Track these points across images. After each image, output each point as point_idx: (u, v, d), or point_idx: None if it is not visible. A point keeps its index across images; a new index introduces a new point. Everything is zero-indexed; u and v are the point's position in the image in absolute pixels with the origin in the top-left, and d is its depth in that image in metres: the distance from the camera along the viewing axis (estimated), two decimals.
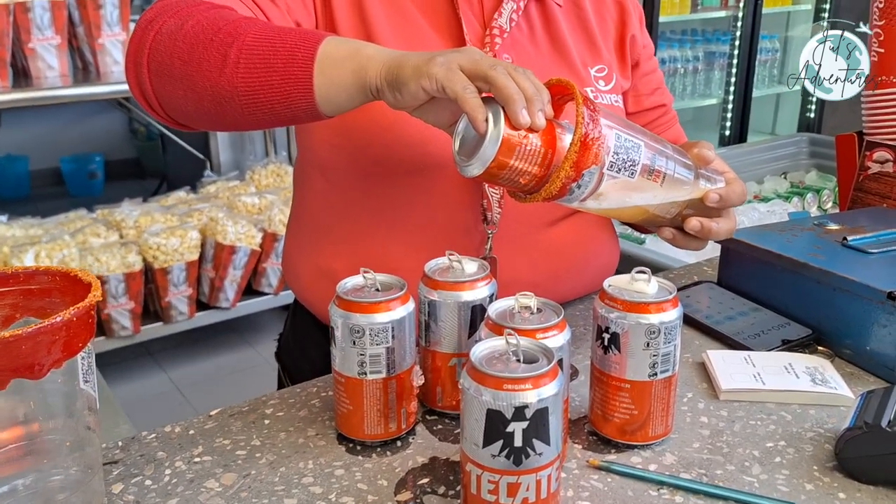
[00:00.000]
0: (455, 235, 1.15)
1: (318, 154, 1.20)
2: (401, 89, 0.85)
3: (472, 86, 0.82)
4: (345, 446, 0.92)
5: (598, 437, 0.93)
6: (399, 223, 1.16)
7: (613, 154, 0.85)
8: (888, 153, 1.48)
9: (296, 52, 0.90)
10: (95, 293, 0.70)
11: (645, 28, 1.35)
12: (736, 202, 1.01)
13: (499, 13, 1.15)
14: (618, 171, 0.86)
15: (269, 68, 0.90)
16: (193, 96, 0.94)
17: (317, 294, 1.24)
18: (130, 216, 3.25)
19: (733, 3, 3.97)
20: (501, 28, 1.15)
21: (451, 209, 1.14)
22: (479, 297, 0.93)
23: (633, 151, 0.87)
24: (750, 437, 0.93)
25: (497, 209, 1.13)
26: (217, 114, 0.95)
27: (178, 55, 0.93)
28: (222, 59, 0.91)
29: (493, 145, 0.81)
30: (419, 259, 1.04)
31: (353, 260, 1.16)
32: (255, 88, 0.91)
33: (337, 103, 0.91)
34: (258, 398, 1.02)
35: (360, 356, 0.87)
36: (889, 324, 1.04)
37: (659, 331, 0.86)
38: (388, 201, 1.15)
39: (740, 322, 1.17)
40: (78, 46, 3.14)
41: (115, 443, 0.94)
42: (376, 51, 0.89)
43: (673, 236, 1.02)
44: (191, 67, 0.93)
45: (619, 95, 1.26)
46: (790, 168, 3.12)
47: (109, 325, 3.07)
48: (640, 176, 0.88)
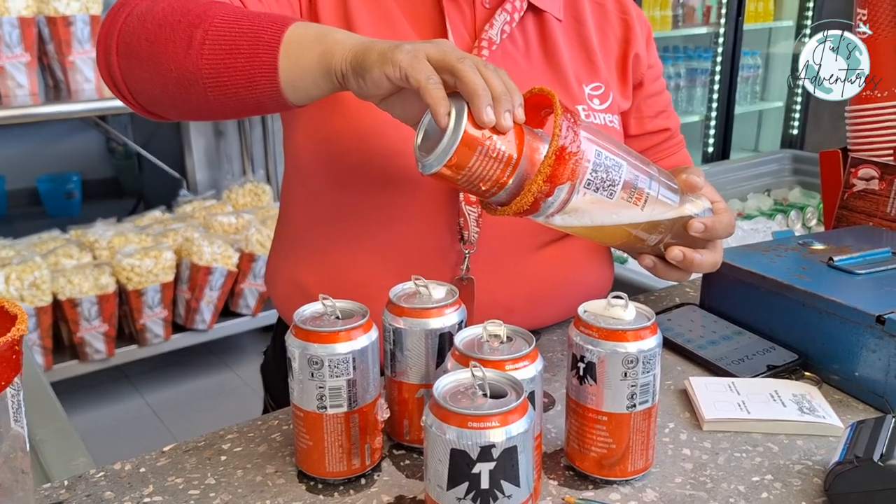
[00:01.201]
0: (430, 254, 1.11)
1: (298, 159, 1.16)
2: (364, 76, 0.81)
3: (436, 76, 0.78)
4: (305, 484, 0.86)
5: (574, 471, 0.88)
6: (372, 237, 1.12)
7: (592, 171, 0.81)
8: (873, 170, 1.45)
9: (262, 34, 0.87)
10: (20, 326, 0.65)
11: (653, 49, 1.32)
12: (722, 234, 0.97)
13: (490, 24, 1.12)
14: (595, 189, 0.82)
15: (234, 51, 0.88)
16: (159, 79, 0.92)
17: (291, 307, 1.19)
18: (104, 237, 3.19)
19: (714, 20, 3.95)
20: (491, 40, 1.11)
21: (427, 226, 1.10)
22: (448, 325, 0.88)
23: (613, 171, 0.83)
24: (735, 471, 0.88)
25: (475, 228, 1.09)
26: (182, 97, 0.92)
27: (146, 36, 0.91)
28: (188, 40, 0.89)
29: (451, 141, 0.76)
30: (391, 276, 1.02)
31: (325, 273, 1.14)
32: (220, 71, 0.88)
33: (303, 89, 0.88)
34: (215, 432, 0.96)
35: (319, 389, 0.82)
36: (878, 348, 1.00)
37: (637, 360, 0.81)
38: (361, 213, 1.12)
39: (724, 347, 1.13)
40: (48, 64, 3.09)
41: (61, 482, 0.88)
42: (345, 36, 0.86)
43: (654, 265, 0.97)
44: (157, 48, 0.91)
45: (615, 115, 1.22)
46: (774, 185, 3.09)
47: (83, 348, 3.01)
48: (621, 197, 0.84)
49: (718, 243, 1.00)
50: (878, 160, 1.45)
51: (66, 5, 2.95)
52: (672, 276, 0.99)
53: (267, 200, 3.73)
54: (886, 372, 0.99)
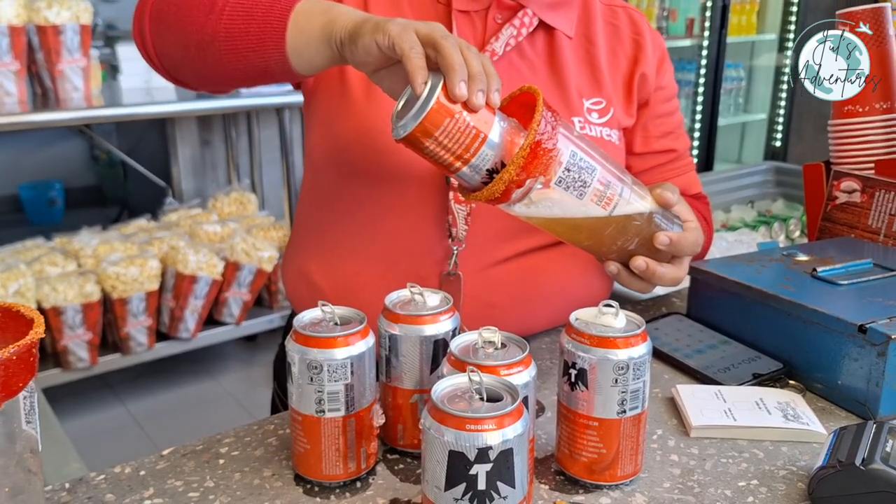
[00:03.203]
0: (419, 248, 1.16)
1: (313, 157, 1.23)
2: (356, 42, 0.88)
3: (420, 47, 0.83)
4: (302, 487, 0.88)
5: (565, 476, 0.90)
6: (367, 229, 1.17)
7: (565, 170, 0.84)
8: (855, 183, 1.47)
9: (276, 3, 0.97)
10: (38, 330, 0.66)
11: (668, 71, 1.34)
12: (687, 251, 0.99)
13: (496, 38, 1.16)
14: (566, 188, 0.85)
15: (249, 16, 0.98)
16: (182, 41, 1.03)
17: (298, 297, 1.27)
18: (89, 245, 3.18)
19: (698, 32, 3.99)
20: (493, 52, 1.15)
21: (417, 221, 1.15)
22: (442, 332, 0.90)
23: (586, 172, 0.86)
24: (721, 476, 0.90)
25: (464, 226, 1.13)
26: (200, 60, 1.03)
27: (175, 2, 1.04)
28: (210, 5, 1.00)
29: (423, 108, 0.81)
30: (381, 266, 1.11)
31: (324, 262, 1.20)
32: (234, 35, 0.98)
33: (306, 56, 0.96)
34: (213, 436, 0.98)
35: (318, 393, 0.83)
36: (860, 357, 1.02)
37: (627, 366, 0.83)
38: (360, 206, 1.17)
39: (710, 355, 1.15)
40: (37, 72, 3.09)
41: (62, 484, 0.89)
42: (349, 10, 0.95)
43: (618, 272, 0.99)
44: (182, 12, 1.03)
45: (614, 130, 1.24)
46: (757, 197, 3.12)
47: (66, 356, 3.01)
48: (590, 199, 0.87)
49: (684, 260, 1.02)
50: (859, 173, 1.47)
51: (57, 14, 2.95)
52: (634, 285, 1.01)
53: (252, 209, 3.73)
54: (868, 380, 1.02)
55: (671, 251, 0.97)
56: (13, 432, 0.70)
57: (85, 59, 3.08)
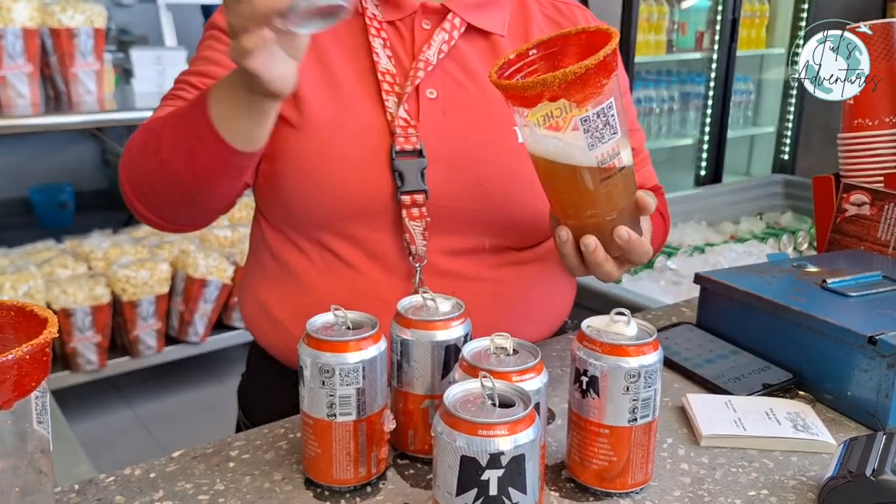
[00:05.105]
0: (380, 271, 1.13)
1: (256, 180, 1.19)
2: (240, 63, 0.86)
3: None
4: (312, 492, 0.88)
5: (575, 484, 0.90)
6: (323, 255, 1.14)
7: (595, 113, 0.85)
8: (865, 196, 1.48)
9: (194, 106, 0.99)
10: (52, 329, 0.67)
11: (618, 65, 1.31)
12: (635, 257, 0.97)
13: (428, 45, 1.14)
14: (585, 130, 0.85)
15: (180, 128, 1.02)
16: (157, 189, 1.07)
17: (257, 327, 1.23)
18: (100, 248, 3.20)
19: (707, 46, 4.00)
20: (427, 61, 1.13)
21: (374, 243, 1.13)
22: (454, 337, 0.90)
23: (609, 130, 0.86)
24: (731, 486, 0.90)
25: (422, 241, 1.12)
26: (174, 193, 1.06)
27: (138, 163, 1.08)
28: (156, 148, 1.04)
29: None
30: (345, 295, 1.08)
31: (282, 292, 1.17)
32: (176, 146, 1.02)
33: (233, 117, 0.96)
34: (223, 439, 0.98)
35: (330, 397, 0.84)
36: (870, 368, 1.02)
37: (639, 374, 0.83)
38: (311, 234, 1.14)
39: (720, 365, 1.15)
40: (50, 75, 3.10)
41: (72, 485, 0.89)
42: None
43: (567, 240, 0.96)
44: (145, 167, 1.07)
45: None
46: (766, 209, 3.13)
47: (75, 358, 3.01)
48: (595, 156, 0.87)
49: (624, 264, 1.00)
50: (869, 186, 1.48)
51: (71, 18, 2.97)
52: (571, 262, 0.98)
53: None
54: (878, 391, 1.02)
55: (623, 249, 0.95)
56: (25, 432, 0.70)
57: (98, 63, 3.10)
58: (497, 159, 1.13)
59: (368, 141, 1.10)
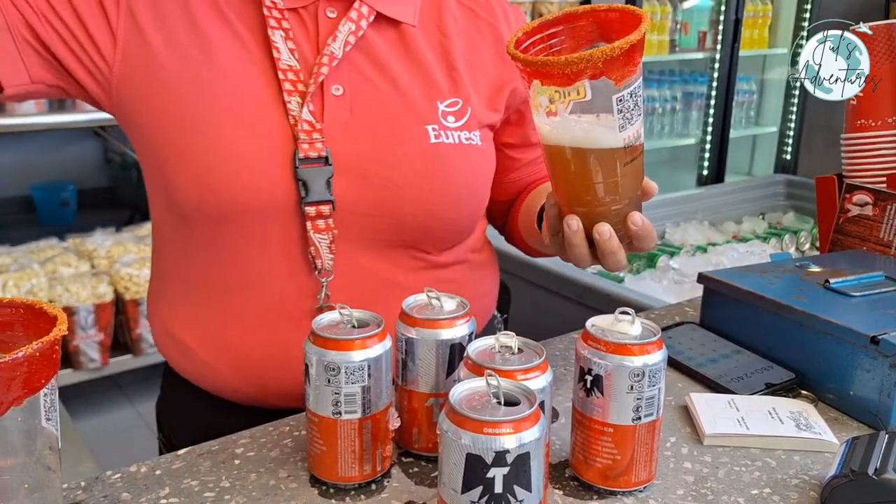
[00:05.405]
0: (286, 289, 1.07)
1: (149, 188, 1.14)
2: None
3: None
4: (317, 489, 0.88)
5: (579, 482, 0.90)
6: (224, 274, 1.08)
7: (629, 93, 0.83)
8: (868, 196, 1.48)
9: None
10: (61, 327, 0.67)
11: None
12: (645, 244, 0.95)
13: (333, 37, 1.06)
14: (619, 111, 0.84)
15: None
16: None
17: (165, 350, 1.19)
18: (103, 246, 3.20)
19: (710, 46, 4.00)
20: (332, 55, 1.05)
21: (276, 260, 1.06)
22: (458, 336, 0.91)
23: (636, 110, 0.86)
24: (735, 484, 0.91)
25: (329, 255, 1.06)
26: None
27: None
28: None
29: None
30: (250, 318, 1.05)
31: (188, 316, 1.12)
32: None
33: None
34: (228, 437, 0.99)
35: (335, 395, 0.84)
36: (872, 368, 1.03)
37: (643, 373, 0.83)
38: (209, 248, 1.08)
39: (723, 364, 1.15)
40: None
41: (78, 483, 0.90)
42: None
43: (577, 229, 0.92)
44: None
45: (474, 132, 1.13)
46: (768, 209, 3.13)
47: (77, 357, 3.02)
48: (623, 138, 0.86)
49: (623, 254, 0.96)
50: (871, 187, 1.48)
51: None
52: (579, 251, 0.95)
53: None
54: (880, 391, 1.02)
55: (638, 232, 0.93)
56: (34, 429, 0.70)
57: None
58: (410, 162, 1.07)
59: (270, 148, 1.03)
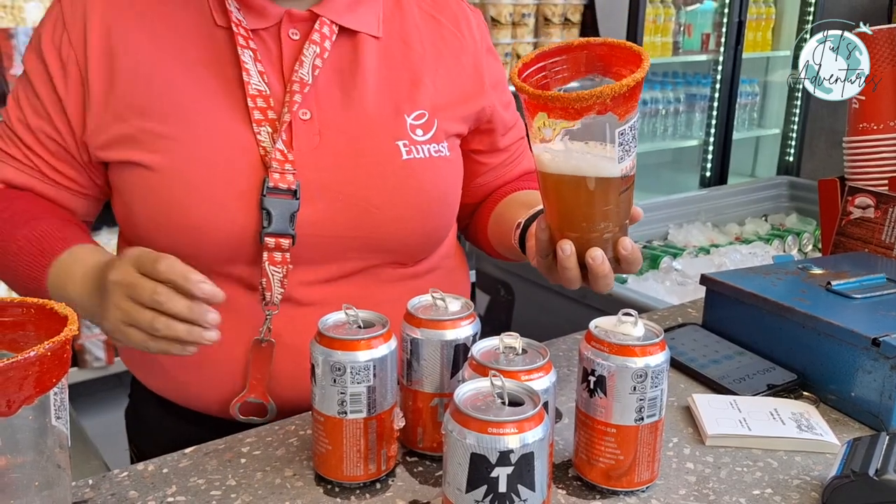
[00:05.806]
0: (231, 314, 1.02)
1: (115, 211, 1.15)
2: None
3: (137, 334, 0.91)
4: (323, 488, 0.89)
5: (582, 482, 0.91)
6: None
7: (629, 126, 0.86)
8: (870, 199, 1.49)
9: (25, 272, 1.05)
10: (72, 327, 0.68)
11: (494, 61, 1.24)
12: (633, 268, 0.96)
13: (300, 63, 1.05)
14: (620, 143, 0.86)
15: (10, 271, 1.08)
16: None
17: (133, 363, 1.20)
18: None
19: (713, 48, 4.00)
20: (303, 81, 1.05)
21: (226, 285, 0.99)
22: (463, 336, 0.92)
23: (633, 143, 0.88)
24: (736, 484, 0.91)
25: (279, 289, 1.06)
26: None
27: None
28: None
29: None
30: None
31: None
32: None
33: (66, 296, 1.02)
34: (234, 435, 1.00)
35: (341, 395, 0.85)
36: (874, 370, 1.03)
37: (646, 374, 0.84)
38: None
39: (725, 366, 1.16)
40: None
41: (86, 481, 0.91)
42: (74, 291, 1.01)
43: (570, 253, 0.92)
44: None
45: (441, 144, 1.13)
46: (771, 210, 3.14)
47: (83, 355, 3.03)
48: (621, 169, 0.88)
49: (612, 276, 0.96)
50: (874, 190, 1.49)
51: None
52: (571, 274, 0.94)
53: None
54: (881, 392, 1.03)
55: (627, 257, 0.94)
56: (44, 427, 0.71)
57: None
58: (383, 180, 1.07)
59: (237, 175, 1.03)
